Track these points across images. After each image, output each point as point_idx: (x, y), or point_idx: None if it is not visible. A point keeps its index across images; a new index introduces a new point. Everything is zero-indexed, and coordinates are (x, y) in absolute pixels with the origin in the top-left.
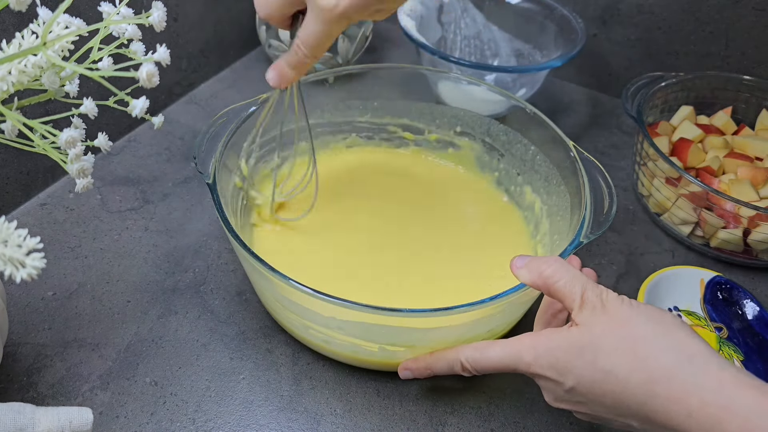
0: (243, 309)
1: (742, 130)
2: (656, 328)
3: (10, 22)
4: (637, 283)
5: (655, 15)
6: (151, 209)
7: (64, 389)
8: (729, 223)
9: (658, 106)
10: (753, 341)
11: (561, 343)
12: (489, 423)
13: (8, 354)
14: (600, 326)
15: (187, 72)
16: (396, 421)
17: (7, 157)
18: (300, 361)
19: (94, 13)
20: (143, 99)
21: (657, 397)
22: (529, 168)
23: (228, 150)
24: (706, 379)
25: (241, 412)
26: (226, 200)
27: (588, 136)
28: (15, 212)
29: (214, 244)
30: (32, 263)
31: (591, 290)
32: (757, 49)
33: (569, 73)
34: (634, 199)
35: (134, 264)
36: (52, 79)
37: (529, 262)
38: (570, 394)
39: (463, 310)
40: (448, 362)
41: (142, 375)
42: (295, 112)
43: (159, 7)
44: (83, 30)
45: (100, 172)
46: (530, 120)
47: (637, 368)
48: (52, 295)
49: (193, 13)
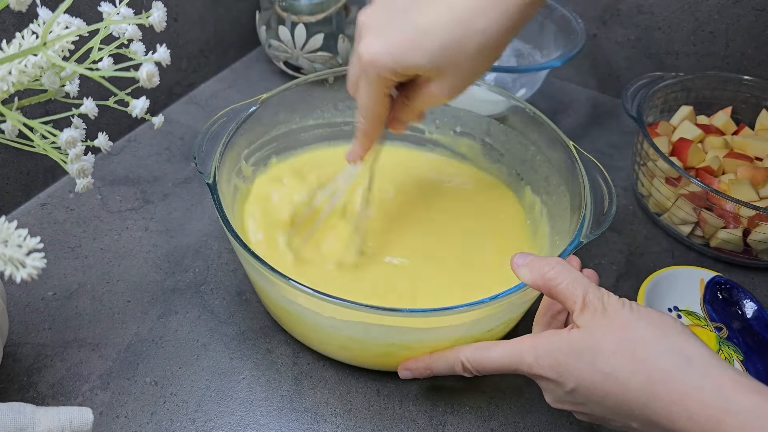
0: (243, 309)
1: (742, 130)
2: (656, 332)
3: (10, 22)
4: (637, 283)
5: (655, 15)
6: (151, 209)
7: (64, 389)
8: (729, 223)
9: (658, 106)
10: (753, 341)
11: (562, 345)
12: (489, 423)
13: (8, 354)
14: (601, 329)
15: (187, 72)
16: (396, 421)
17: (7, 157)
18: (300, 361)
19: (94, 13)
20: (143, 99)
21: (658, 399)
22: (529, 168)
23: (228, 150)
24: (705, 381)
25: (241, 412)
26: (226, 200)
27: (588, 136)
28: (15, 212)
29: (214, 244)
30: (32, 263)
31: (592, 293)
32: (757, 49)
33: (569, 73)
34: (633, 199)
35: (134, 264)
36: (52, 79)
37: (530, 262)
38: (571, 395)
39: (463, 310)
40: (449, 362)
41: (142, 375)
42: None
43: (159, 7)
44: (83, 30)
45: (100, 172)
46: (530, 120)
47: (637, 370)
48: (52, 295)
49: (193, 13)
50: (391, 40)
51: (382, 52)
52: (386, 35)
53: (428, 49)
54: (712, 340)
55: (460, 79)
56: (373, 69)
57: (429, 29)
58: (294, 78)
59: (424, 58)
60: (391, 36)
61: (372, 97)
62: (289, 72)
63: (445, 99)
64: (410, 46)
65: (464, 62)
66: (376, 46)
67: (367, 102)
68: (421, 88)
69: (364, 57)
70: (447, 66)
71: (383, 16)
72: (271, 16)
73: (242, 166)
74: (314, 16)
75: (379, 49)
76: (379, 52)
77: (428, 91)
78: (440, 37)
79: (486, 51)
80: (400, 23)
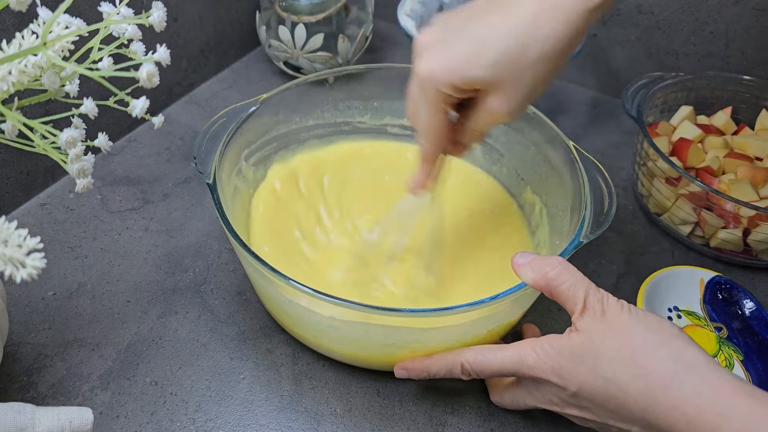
0: (243, 309)
1: (741, 130)
2: (654, 337)
3: (10, 22)
4: (637, 283)
5: (655, 15)
6: (151, 209)
7: (64, 389)
8: (729, 223)
9: (658, 106)
10: (752, 341)
11: (563, 349)
12: (489, 423)
13: (8, 354)
14: (600, 334)
15: (187, 72)
16: (396, 421)
17: (7, 157)
18: (300, 361)
19: (94, 13)
20: (143, 99)
21: (657, 404)
22: (529, 168)
23: (228, 150)
24: (703, 386)
25: (241, 412)
26: (226, 200)
27: (588, 136)
28: (15, 212)
29: (214, 244)
30: (32, 263)
31: (593, 295)
32: (757, 49)
33: (569, 73)
34: (633, 199)
35: (134, 264)
36: (52, 79)
37: (532, 261)
38: (575, 398)
39: (463, 310)
40: (448, 364)
41: (142, 375)
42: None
43: (159, 7)
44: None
45: (100, 172)
46: (530, 120)
47: (637, 376)
48: (52, 295)
49: (193, 13)
50: (448, 54)
51: (440, 67)
52: (443, 51)
53: (487, 60)
54: (712, 340)
55: (521, 92)
56: (431, 84)
57: (487, 40)
58: (294, 78)
59: (483, 69)
60: (449, 50)
61: (431, 116)
62: (289, 72)
63: (506, 115)
64: (468, 57)
65: (525, 74)
66: (433, 62)
67: (428, 122)
68: (481, 105)
69: (421, 73)
70: (507, 78)
71: (441, 33)
72: (271, 16)
73: (242, 167)
74: (314, 16)
75: (436, 65)
76: (437, 67)
77: (488, 107)
78: (499, 47)
79: (547, 61)
80: (457, 37)
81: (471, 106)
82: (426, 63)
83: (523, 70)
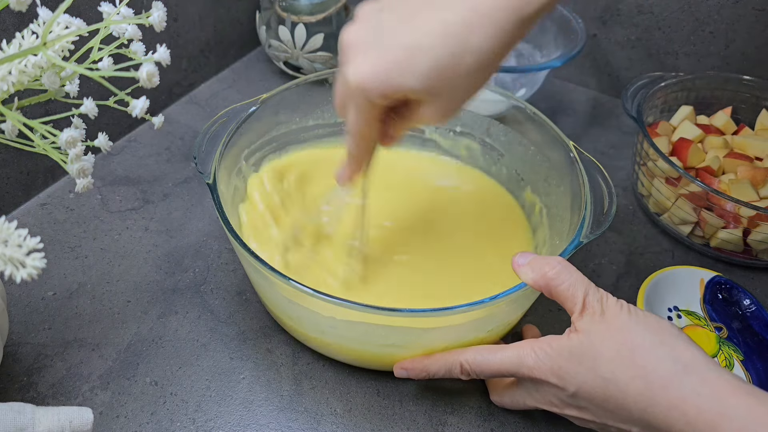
0: (243, 309)
1: (741, 130)
2: (653, 337)
3: (10, 22)
4: (637, 282)
5: (655, 15)
6: (151, 209)
7: (64, 389)
8: (729, 223)
9: (658, 106)
10: (752, 341)
11: (562, 350)
12: (489, 423)
13: (8, 354)
14: (599, 334)
15: (187, 72)
16: (396, 420)
17: (7, 157)
18: (300, 361)
19: (94, 13)
20: (143, 99)
21: (656, 404)
22: (528, 168)
23: (228, 150)
24: (702, 387)
25: (241, 412)
26: (226, 200)
27: (588, 136)
28: (15, 212)
29: (214, 244)
30: (32, 263)
31: (592, 294)
32: (757, 49)
33: (569, 73)
34: (633, 199)
35: (134, 264)
36: (52, 79)
37: (532, 261)
38: (574, 399)
39: (463, 310)
40: (447, 364)
41: (142, 375)
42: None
43: (159, 7)
44: (83, 30)
45: (100, 172)
46: (530, 120)
47: (636, 376)
48: (52, 295)
49: (193, 13)
50: (379, 61)
51: (371, 77)
52: (374, 56)
53: (420, 69)
54: (712, 340)
55: (453, 101)
56: (362, 94)
57: (420, 47)
58: (294, 78)
59: (416, 79)
60: (380, 56)
61: (362, 122)
62: (289, 72)
63: (437, 122)
64: (400, 67)
65: (458, 84)
66: (364, 69)
67: (357, 127)
68: (413, 111)
69: (351, 82)
70: (440, 88)
71: (370, 33)
72: (271, 16)
73: (242, 166)
74: (314, 16)
75: (367, 73)
76: (368, 76)
77: (420, 114)
78: (432, 56)
79: (481, 70)
80: (389, 41)
81: (402, 107)
82: (355, 69)
83: (456, 81)
